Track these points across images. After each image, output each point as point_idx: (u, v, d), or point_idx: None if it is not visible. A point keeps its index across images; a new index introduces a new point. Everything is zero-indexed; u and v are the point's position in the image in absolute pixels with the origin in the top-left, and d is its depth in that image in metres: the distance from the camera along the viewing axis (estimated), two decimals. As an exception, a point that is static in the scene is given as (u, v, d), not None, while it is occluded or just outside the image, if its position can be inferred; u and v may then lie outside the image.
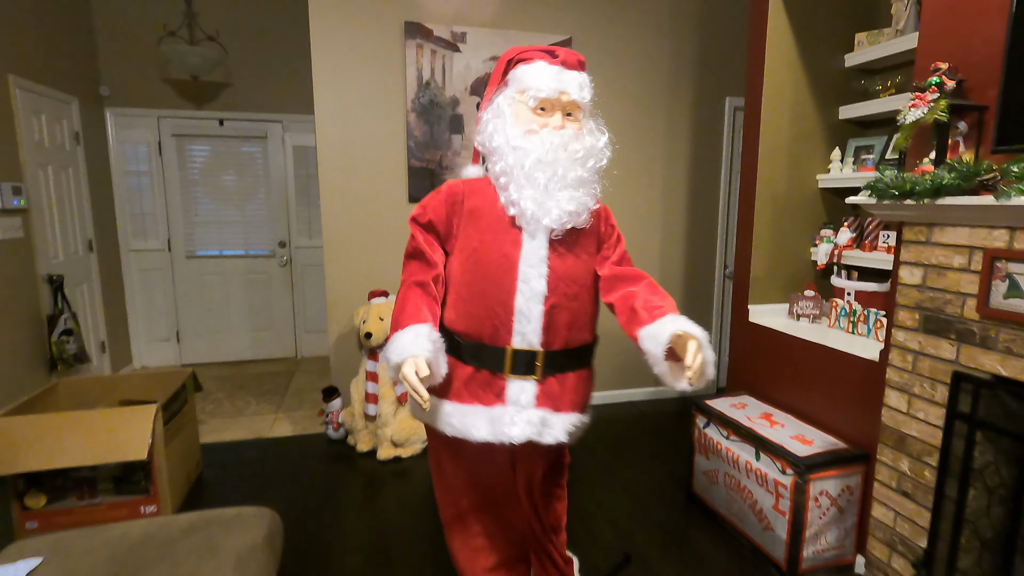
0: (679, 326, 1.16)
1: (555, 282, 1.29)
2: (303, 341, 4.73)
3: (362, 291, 3.12)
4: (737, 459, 2.18)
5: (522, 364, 1.29)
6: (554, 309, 1.29)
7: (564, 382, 1.34)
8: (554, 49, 1.33)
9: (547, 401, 1.31)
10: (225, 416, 3.46)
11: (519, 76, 1.31)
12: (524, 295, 1.27)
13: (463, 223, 1.33)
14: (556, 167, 1.25)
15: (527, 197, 1.25)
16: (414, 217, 1.36)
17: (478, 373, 1.31)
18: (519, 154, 1.26)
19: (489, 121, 1.33)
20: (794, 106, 2.47)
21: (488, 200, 1.32)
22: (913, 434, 1.68)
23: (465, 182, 1.37)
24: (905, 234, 1.68)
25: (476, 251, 1.30)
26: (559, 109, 1.30)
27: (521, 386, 1.30)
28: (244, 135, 4.34)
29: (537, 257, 1.28)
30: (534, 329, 1.28)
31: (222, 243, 4.45)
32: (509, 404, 1.30)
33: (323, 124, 3.01)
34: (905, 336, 1.70)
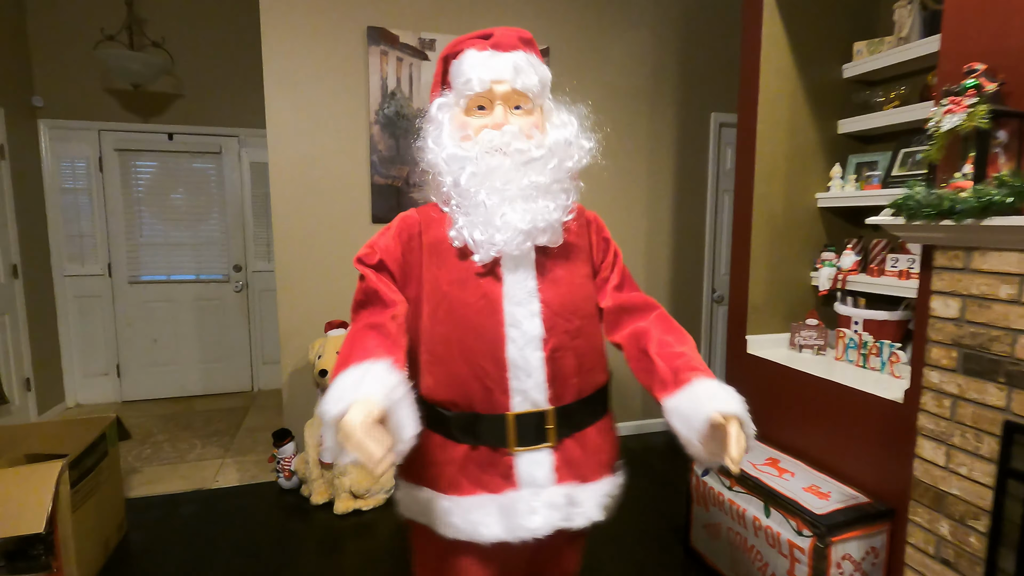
0: (716, 404, 0.89)
1: (552, 319, 1.02)
2: (260, 373, 4.35)
3: (319, 322, 2.81)
4: (743, 514, 1.92)
5: (530, 431, 1.01)
6: (556, 353, 1.01)
7: (585, 442, 1.06)
8: (490, 31, 1.07)
9: (569, 472, 1.03)
10: (164, 463, 3.07)
11: (453, 73, 1.07)
12: (516, 343, 0.99)
13: (425, 262, 1.05)
14: (494, 176, 0.99)
15: (473, 223, 0.99)
16: (360, 259, 1.05)
17: (475, 452, 1.02)
18: (454, 167, 1.00)
19: (428, 134, 1.07)
20: (791, 120, 2.28)
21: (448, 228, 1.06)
22: (954, 492, 1.44)
23: (421, 211, 1.10)
24: (937, 259, 1.46)
25: (447, 296, 1.02)
26: (500, 102, 1.03)
27: (533, 459, 1.01)
28: (196, 150, 4.01)
29: (524, 291, 1.01)
30: (536, 383, 1.00)
31: (170, 267, 4.07)
32: (523, 486, 1.01)
33: (276, 137, 2.72)
34: (940, 377, 1.46)
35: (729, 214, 3.58)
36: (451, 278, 1.02)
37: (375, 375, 0.83)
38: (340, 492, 2.55)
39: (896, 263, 2.10)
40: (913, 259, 2.04)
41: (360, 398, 0.78)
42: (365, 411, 0.77)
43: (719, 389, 0.93)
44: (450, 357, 1.01)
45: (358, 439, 0.75)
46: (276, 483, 2.80)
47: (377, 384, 0.81)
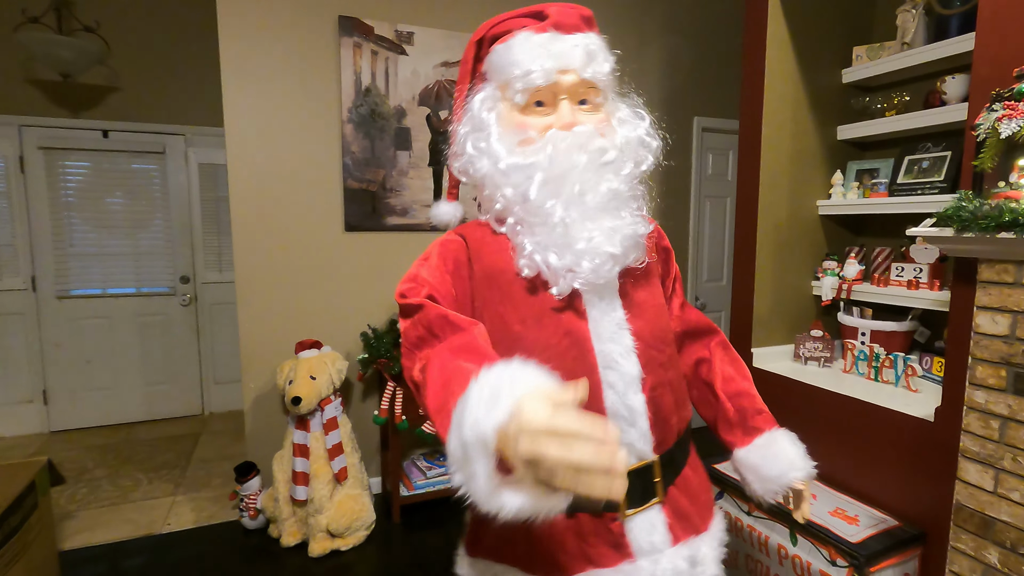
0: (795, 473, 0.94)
1: (646, 352, 0.85)
2: (212, 394, 3.97)
3: (287, 340, 2.53)
4: (766, 542, 1.81)
5: (638, 489, 0.84)
6: (656, 392, 0.85)
7: (687, 486, 0.91)
8: (542, 8, 0.88)
9: (683, 527, 0.88)
10: (104, 504, 2.69)
11: (496, 64, 0.87)
12: (615, 388, 0.82)
13: (479, 296, 0.85)
14: (572, 182, 0.80)
15: (547, 245, 0.80)
16: (403, 294, 0.80)
17: (574, 521, 0.83)
18: (518, 178, 0.81)
19: (468, 136, 0.87)
20: (794, 125, 2.21)
21: (506, 254, 0.86)
22: (1004, 519, 1.36)
23: (462, 231, 0.89)
24: (982, 273, 1.38)
25: (520, 339, 0.81)
26: (565, 97, 0.85)
27: (647, 521, 0.84)
28: (136, 149, 3.61)
29: (613, 324, 0.84)
30: (641, 433, 0.83)
31: (106, 280, 3.64)
32: (640, 556, 0.83)
33: (235, 136, 2.43)
34: (987, 397, 1.39)
35: (711, 220, 3.53)
36: (521, 315, 0.82)
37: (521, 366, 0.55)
38: (315, 532, 2.28)
39: (902, 272, 2.05)
40: (919, 268, 2.00)
41: (525, 390, 0.51)
42: (550, 397, 0.49)
43: (793, 449, 0.96)
44: None
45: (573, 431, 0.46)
46: (239, 523, 2.50)
47: (532, 372, 0.54)
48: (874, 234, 2.34)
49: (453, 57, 2.69)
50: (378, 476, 2.79)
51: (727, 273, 3.61)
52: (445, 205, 0.99)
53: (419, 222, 2.72)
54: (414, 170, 2.69)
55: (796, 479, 0.93)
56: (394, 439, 2.46)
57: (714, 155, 3.47)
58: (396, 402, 2.41)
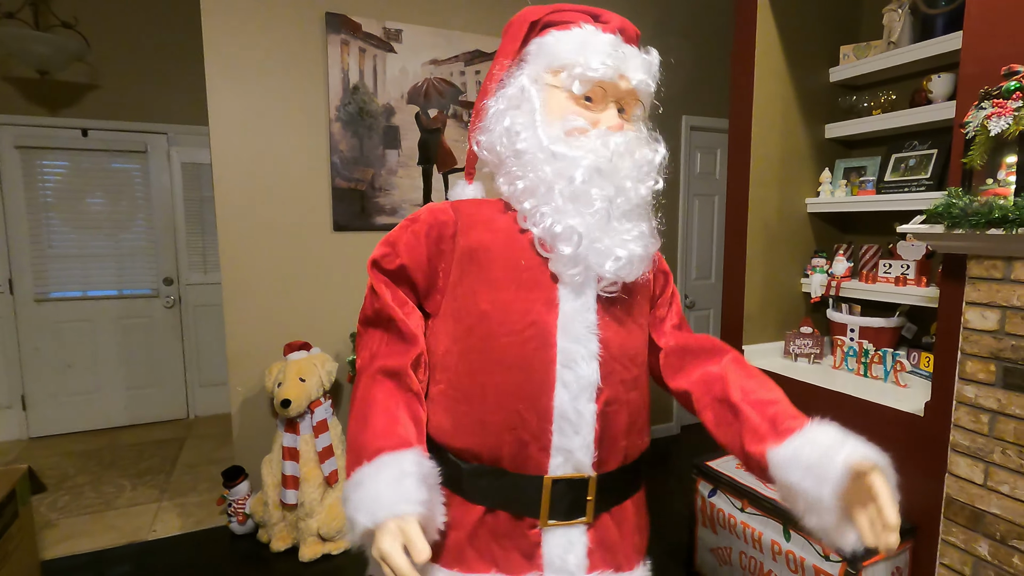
0: (851, 450, 0.70)
1: (609, 363, 0.83)
2: (197, 397, 3.90)
3: (275, 342, 2.49)
4: (759, 538, 1.82)
5: (565, 502, 0.81)
6: (610, 407, 0.83)
7: (622, 519, 0.88)
8: (600, 11, 0.89)
9: (603, 557, 0.84)
10: (86, 512, 2.63)
11: (551, 48, 0.86)
12: (569, 388, 0.79)
13: (456, 271, 0.85)
14: (621, 179, 0.82)
15: (575, 228, 0.79)
16: (376, 261, 0.87)
17: (491, 517, 0.82)
18: (562, 164, 0.80)
19: (504, 113, 0.86)
20: (783, 123, 2.22)
21: (500, 235, 0.85)
22: (994, 512, 1.38)
23: (457, 206, 0.89)
24: (971, 269, 1.40)
25: (486, 317, 0.82)
26: (612, 100, 0.86)
27: (566, 538, 0.82)
28: (117, 148, 3.53)
29: (583, 325, 0.81)
30: (584, 443, 0.80)
31: (87, 282, 3.56)
32: (548, 572, 0.81)
33: (220, 135, 2.38)
34: (977, 392, 1.41)
35: (699, 218, 3.55)
36: (494, 297, 0.82)
37: (410, 475, 0.73)
38: (306, 536, 2.25)
39: (889, 269, 2.08)
40: (907, 265, 2.02)
41: (398, 513, 0.69)
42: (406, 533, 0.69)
43: (847, 434, 0.74)
44: (479, 396, 0.81)
45: (398, 566, 0.67)
46: (227, 528, 2.45)
47: (414, 491, 0.72)
48: (862, 231, 2.37)
49: (442, 55, 2.67)
50: (369, 478, 2.75)
51: (716, 271, 3.63)
52: (467, 187, 0.97)
53: (409, 221, 2.69)
54: (403, 169, 2.66)
55: (852, 456, 0.69)
56: (385, 441, 2.43)
57: (702, 153, 3.49)
58: (387, 403, 2.38)
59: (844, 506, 0.71)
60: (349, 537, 0.74)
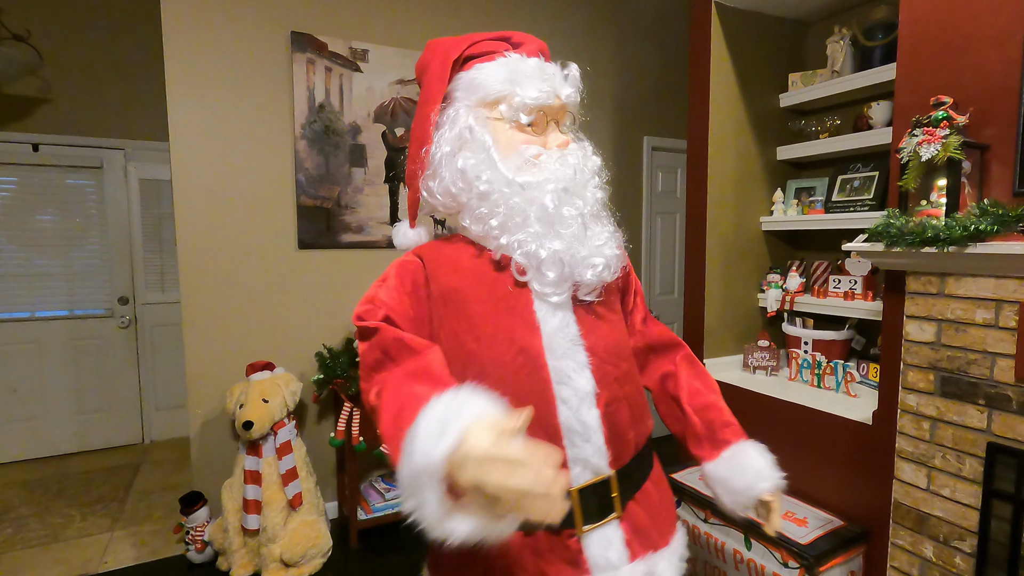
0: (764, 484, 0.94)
1: (600, 368, 0.86)
2: (153, 422, 3.76)
3: (236, 363, 2.43)
4: (721, 547, 1.86)
5: (594, 505, 0.84)
6: (611, 408, 0.86)
7: (647, 502, 0.92)
8: (508, 34, 0.93)
9: (641, 542, 0.88)
10: (32, 545, 2.49)
11: (481, 82, 0.87)
12: (569, 404, 0.83)
13: (436, 316, 0.86)
14: (584, 193, 0.88)
15: (559, 252, 0.83)
16: (360, 316, 0.81)
17: (531, 539, 0.83)
18: (532, 193, 0.84)
19: (452, 156, 0.86)
20: (737, 145, 2.33)
21: (468, 273, 0.87)
22: (937, 514, 1.46)
23: (419, 252, 0.89)
24: (910, 284, 1.49)
25: (475, 356, 0.83)
26: (550, 120, 0.91)
27: (604, 537, 0.85)
28: (70, 164, 3.42)
29: (567, 339, 0.85)
30: (596, 448, 0.84)
31: (33, 302, 3.41)
32: (596, 573, 0.83)
33: (181, 152, 2.34)
34: (918, 400, 1.49)
35: (662, 235, 3.65)
36: (476, 334, 0.83)
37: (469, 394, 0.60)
38: (269, 562, 2.19)
39: (839, 284, 2.19)
40: (854, 280, 2.13)
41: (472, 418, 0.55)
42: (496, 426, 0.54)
43: (761, 460, 0.96)
44: None
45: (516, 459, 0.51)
46: (185, 557, 2.36)
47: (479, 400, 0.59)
48: (813, 248, 2.49)
49: (408, 75, 2.70)
50: (334, 500, 2.70)
51: (678, 286, 3.73)
52: (410, 232, 0.97)
53: (375, 239, 2.69)
54: (369, 187, 2.66)
55: (764, 491, 0.93)
56: (351, 461, 2.40)
57: (664, 173, 3.60)
58: (353, 423, 2.36)
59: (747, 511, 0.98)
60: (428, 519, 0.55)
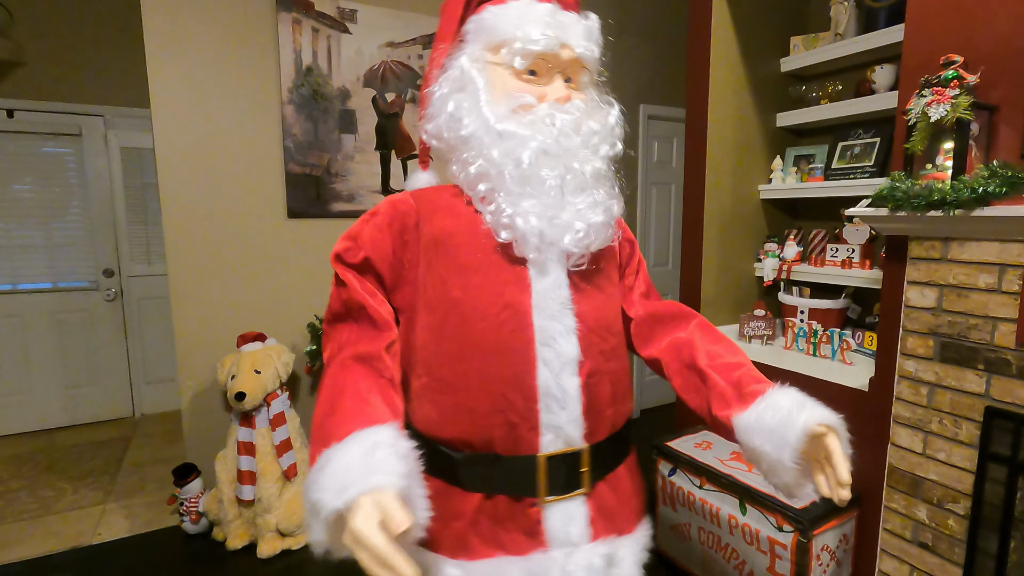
0: (813, 414, 0.74)
1: (587, 336, 0.83)
2: (143, 395, 3.72)
3: (227, 334, 2.39)
4: (716, 513, 1.88)
5: (561, 476, 0.81)
6: (592, 379, 0.83)
7: (618, 485, 0.89)
8: None
9: (605, 524, 0.85)
10: (23, 518, 2.47)
11: (489, 24, 0.84)
12: (550, 366, 0.80)
13: (423, 261, 0.83)
14: (570, 159, 0.81)
15: (529, 210, 0.79)
16: (339, 255, 0.83)
17: (490, 502, 0.81)
18: (511, 144, 0.79)
19: (447, 97, 0.84)
20: (736, 113, 2.28)
21: (463, 220, 0.84)
22: (932, 478, 1.47)
23: (416, 195, 0.87)
24: (913, 250, 1.48)
25: (459, 305, 0.80)
26: (558, 71, 0.85)
27: (566, 511, 0.82)
28: (47, 131, 3.30)
29: (557, 302, 0.82)
30: (572, 417, 0.81)
31: (15, 274, 3.32)
32: (553, 547, 0.81)
33: (163, 118, 2.25)
34: (917, 366, 1.49)
35: (656, 206, 3.61)
36: (464, 282, 0.81)
37: (386, 449, 0.64)
38: (264, 532, 2.19)
39: (836, 253, 2.17)
40: (852, 249, 2.12)
41: (373, 486, 0.60)
42: (384, 508, 0.59)
43: (802, 396, 0.78)
44: (463, 385, 0.80)
45: (378, 549, 0.57)
46: (180, 528, 2.35)
47: (391, 462, 0.63)
48: (811, 217, 2.47)
49: (399, 37, 2.61)
50: (329, 472, 2.69)
51: (673, 258, 3.72)
52: (422, 175, 0.95)
53: (366, 208, 2.62)
54: (360, 154, 2.59)
55: (811, 420, 0.73)
56: (346, 432, 2.39)
57: (659, 142, 3.55)
58: (347, 394, 2.33)
59: (802, 465, 0.75)
60: (310, 535, 0.63)
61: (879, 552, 1.62)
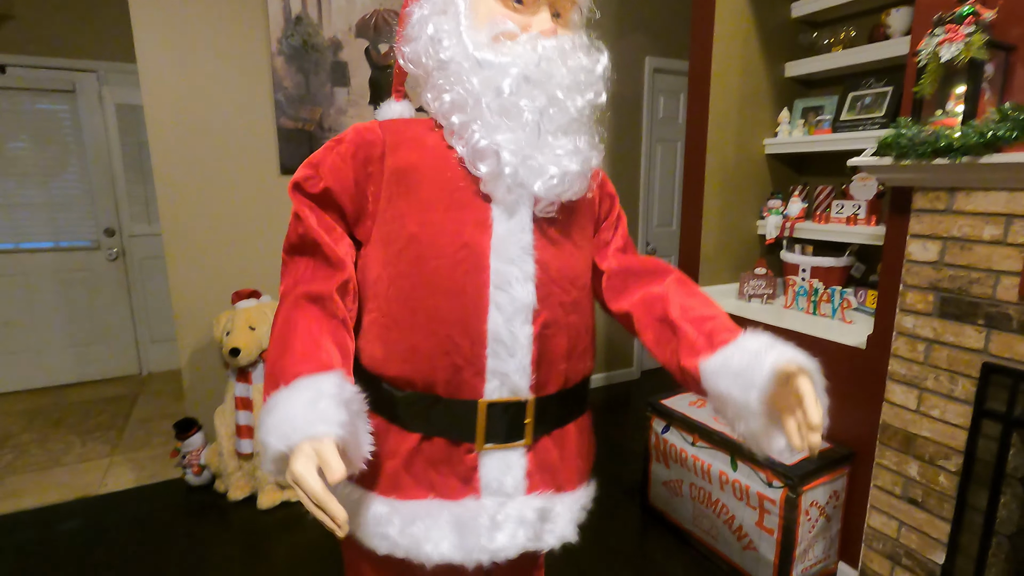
0: (778, 354, 0.69)
1: (547, 286, 0.80)
2: (149, 353, 3.77)
3: (222, 292, 2.39)
4: (708, 469, 1.88)
5: (502, 425, 0.79)
6: (548, 330, 0.80)
7: (564, 442, 0.87)
8: None
9: (543, 478, 0.83)
10: (32, 469, 2.54)
11: None
12: (503, 311, 0.77)
13: (386, 194, 0.79)
14: (553, 88, 0.76)
15: (504, 145, 0.74)
16: (298, 183, 0.80)
17: (428, 444, 0.80)
18: (490, 73, 0.74)
19: (428, 19, 0.79)
20: (743, 63, 2.17)
21: (429, 153, 0.79)
22: (925, 434, 1.45)
23: (384, 125, 0.82)
24: (917, 201, 1.42)
25: (415, 239, 0.77)
26: (546, 3, 0.80)
27: (503, 461, 0.80)
28: (40, 87, 3.24)
29: (518, 246, 0.78)
30: (520, 366, 0.78)
31: (17, 233, 3.33)
32: (486, 495, 0.80)
33: (150, 73, 2.20)
34: (915, 322, 1.45)
35: (662, 165, 3.52)
36: (424, 219, 0.77)
37: (329, 396, 0.66)
38: (263, 484, 2.23)
39: (842, 209, 2.10)
40: (858, 205, 2.05)
41: (314, 434, 0.63)
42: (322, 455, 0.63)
43: (776, 340, 0.72)
44: (411, 323, 0.78)
45: (314, 491, 0.62)
46: (183, 480, 2.41)
47: (332, 409, 0.65)
48: (817, 173, 2.38)
49: (392, -16, 2.50)
50: (329, 428, 2.74)
51: (677, 218, 3.64)
52: (395, 105, 0.91)
53: (361, 165, 2.57)
54: (353, 108, 2.53)
55: (779, 360, 0.68)
56: (343, 389, 2.41)
57: (666, 98, 3.43)
58: (343, 352, 2.34)
59: (771, 411, 0.71)
60: (263, 466, 0.68)
61: (868, 508, 1.62)
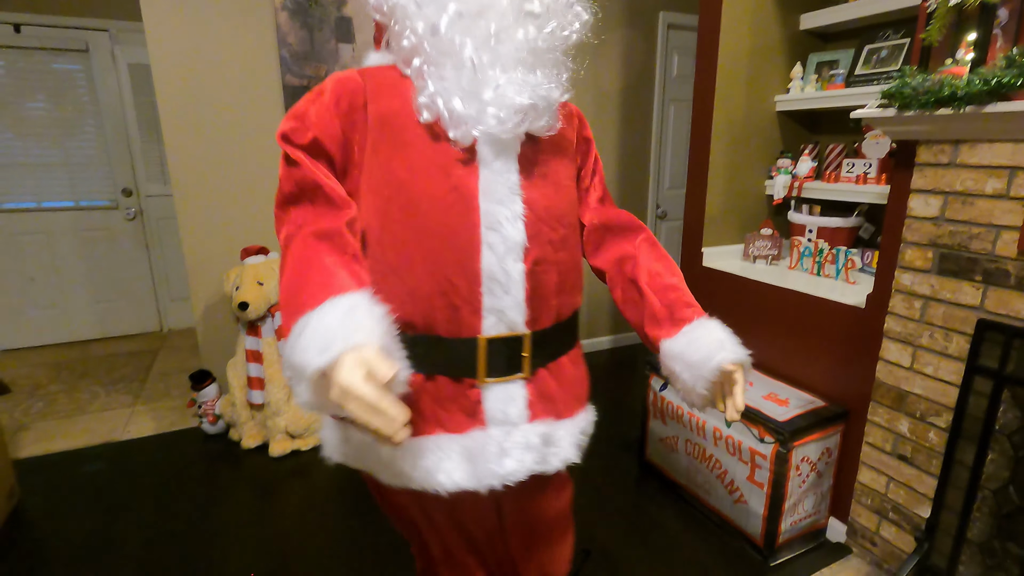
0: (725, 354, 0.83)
1: (535, 224, 0.82)
2: (169, 311, 3.90)
3: (232, 249, 2.45)
4: (703, 425, 1.91)
5: (502, 359, 0.83)
6: (538, 267, 0.83)
7: (560, 372, 0.91)
8: None
9: (544, 407, 0.88)
10: (60, 416, 2.68)
11: None
12: (495, 250, 0.79)
13: (371, 143, 0.80)
14: (490, 20, 0.75)
15: (449, 88, 0.75)
16: (285, 135, 0.78)
17: (431, 383, 0.83)
18: (429, 11, 0.75)
19: None
20: (754, 15, 2.10)
21: (408, 99, 0.80)
22: (917, 392, 1.45)
23: (365, 73, 0.83)
24: (920, 155, 1.38)
25: (405, 187, 0.79)
26: None
27: (505, 393, 0.85)
28: (55, 46, 3.28)
29: (505, 187, 0.80)
30: (515, 302, 0.82)
31: (39, 192, 3.43)
32: (492, 425, 0.84)
33: (157, 32, 2.21)
34: (913, 279, 1.43)
35: (675, 125, 3.45)
36: (410, 164, 0.78)
37: (364, 309, 0.65)
38: (275, 433, 2.33)
39: (852, 168, 2.05)
40: (869, 164, 1.99)
41: (355, 343, 0.61)
42: (369, 362, 0.60)
43: (722, 333, 0.86)
44: (407, 267, 0.80)
45: (372, 402, 0.59)
46: (199, 429, 2.53)
47: (370, 322, 0.64)
48: (830, 131, 2.32)
49: (396, -65, 2.44)
50: (339, 383, 2.82)
51: (688, 181, 3.58)
52: (374, 55, 0.91)
53: (367, 123, 2.57)
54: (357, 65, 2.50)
55: (725, 360, 0.82)
56: (350, 345, 2.47)
57: (680, 55, 3.33)
58: (350, 308, 2.39)
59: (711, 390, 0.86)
60: (297, 399, 0.64)
61: (860, 464, 1.63)
